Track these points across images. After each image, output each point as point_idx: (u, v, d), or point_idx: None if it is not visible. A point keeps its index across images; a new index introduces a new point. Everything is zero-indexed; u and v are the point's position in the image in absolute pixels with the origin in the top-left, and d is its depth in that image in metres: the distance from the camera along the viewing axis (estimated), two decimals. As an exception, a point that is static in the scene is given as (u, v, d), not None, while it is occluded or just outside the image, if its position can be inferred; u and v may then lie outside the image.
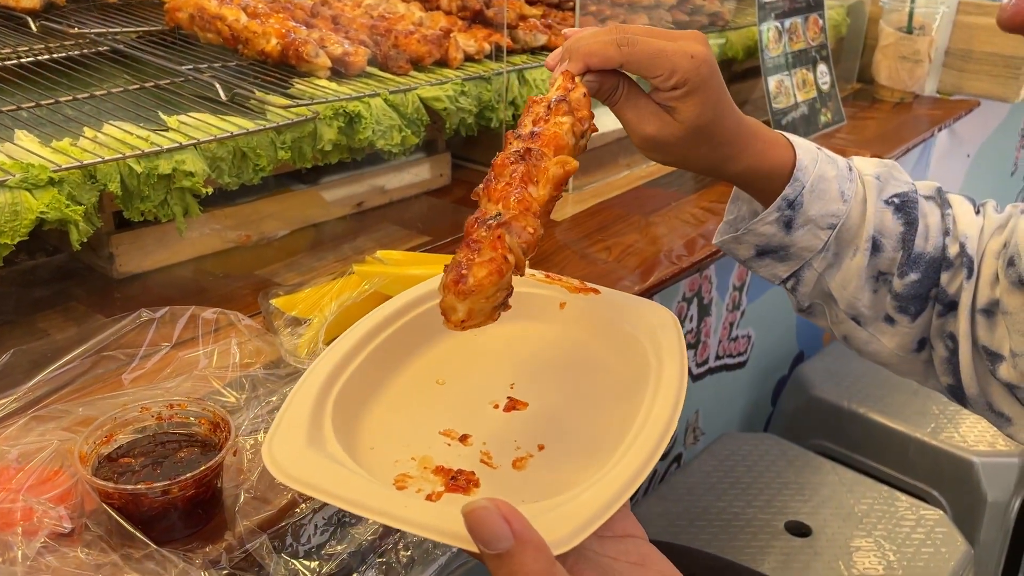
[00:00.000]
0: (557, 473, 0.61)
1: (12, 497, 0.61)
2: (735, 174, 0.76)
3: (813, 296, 0.83)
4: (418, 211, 1.28)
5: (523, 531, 0.46)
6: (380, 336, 0.70)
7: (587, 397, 0.70)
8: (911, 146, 1.81)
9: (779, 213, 0.77)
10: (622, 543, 0.56)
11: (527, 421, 0.67)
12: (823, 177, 0.77)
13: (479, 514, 0.46)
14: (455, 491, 0.58)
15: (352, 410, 0.65)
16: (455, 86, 1.20)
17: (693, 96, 0.69)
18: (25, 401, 0.73)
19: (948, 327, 0.80)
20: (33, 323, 0.93)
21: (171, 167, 0.89)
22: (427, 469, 0.60)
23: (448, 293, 0.58)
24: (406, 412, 0.67)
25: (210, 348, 0.83)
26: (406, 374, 0.71)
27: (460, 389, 0.70)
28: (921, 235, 0.78)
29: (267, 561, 0.64)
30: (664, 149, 0.72)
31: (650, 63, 0.67)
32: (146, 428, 0.71)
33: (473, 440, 0.64)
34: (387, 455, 0.61)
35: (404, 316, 0.73)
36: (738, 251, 0.83)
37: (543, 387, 0.71)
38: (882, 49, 2.06)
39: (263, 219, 1.12)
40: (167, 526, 0.65)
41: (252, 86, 1.08)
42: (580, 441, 0.65)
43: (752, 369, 1.89)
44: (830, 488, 1.47)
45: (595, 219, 1.30)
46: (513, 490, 0.59)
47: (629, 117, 0.71)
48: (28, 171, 0.80)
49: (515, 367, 0.73)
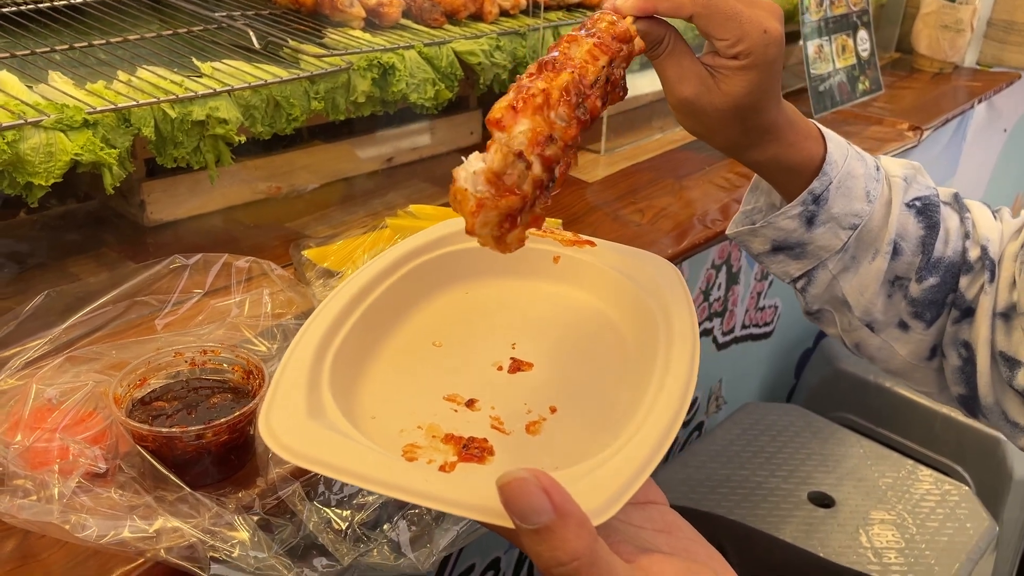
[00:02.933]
0: (575, 437, 0.58)
1: (48, 436, 0.61)
2: (759, 161, 0.72)
3: (823, 300, 0.79)
4: (448, 168, 1.26)
5: (564, 504, 0.42)
6: (370, 296, 0.66)
7: (593, 355, 0.67)
8: (949, 117, 1.77)
9: (803, 207, 0.73)
10: (645, 510, 0.54)
11: (535, 382, 0.63)
12: (851, 174, 0.74)
13: (517, 485, 0.42)
14: (469, 460, 0.55)
15: (348, 377, 0.60)
16: (490, 40, 1.18)
17: (749, 72, 0.64)
18: (59, 343, 0.73)
19: (962, 335, 0.77)
20: (64, 267, 0.93)
21: (205, 113, 0.88)
22: (436, 438, 0.57)
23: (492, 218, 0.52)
24: (405, 377, 0.63)
25: (242, 297, 0.83)
26: (400, 336, 0.67)
27: (459, 351, 0.67)
28: (941, 239, 0.76)
29: (300, 508, 0.64)
30: (697, 115, 0.68)
31: (722, 24, 0.63)
32: (179, 373, 0.70)
33: (481, 405, 0.60)
34: (391, 424, 0.58)
35: (393, 274, 0.69)
36: (752, 244, 0.79)
37: (546, 346, 0.67)
38: (923, 17, 2.01)
39: (294, 171, 1.11)
40: (200, 471, 0.65)
41: (285, 35, 1.07)
42: (593, 402, 0.62)
43: (777, 340, 1.87)
44: (854, 460, 1.46)
45: (627, 181, 1.28)
46: (531, 457, 0.56)
47: (670, 74, 0.66)
48: (63, 112, 0.79)
49: (514, 326, 0.69)
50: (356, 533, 0.65)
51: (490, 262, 0.73)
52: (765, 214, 0.79)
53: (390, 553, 0.65)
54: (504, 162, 0.51)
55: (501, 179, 0.51)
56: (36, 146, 0.77)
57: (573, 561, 0.42)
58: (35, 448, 0.60)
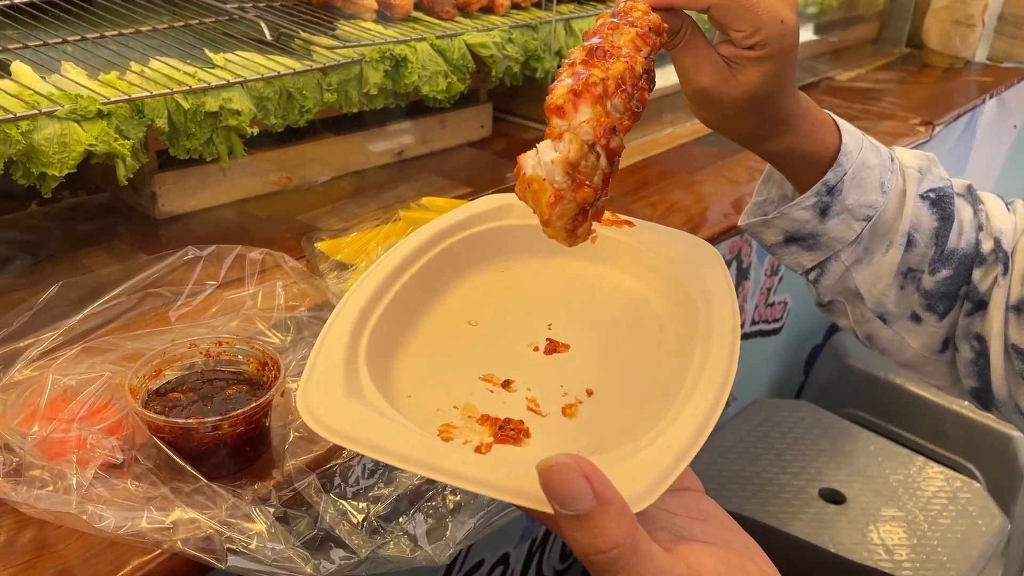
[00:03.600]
0: (612, 421, 0.57)
1: (65, 427, 0.60)
2: (774, 152, 0.72)
3: (835, 291, 0.79)
4: (459, 162, 1.26)
5: (605, 491, 0.42)
6: (405, 275, 0.65)
7: (631, 337, 0.66)
8: (960, 113, 1.76)
9: (817, 199, 0.72)
10: (681, 497, 0.52)
11: (571, 364, 0.63)
12: (865, 165, 0.73)
13: (557, 471, 0.42)
14: (505, 442, 0.54)
15: (384, 355, 0.60)
16: (502, 33, 1.17)
17: (765, 63, 0.64)
18: (74, 334, 0.73)
19: (975, 327, 0.76)
20: (77, 259, 0.93)
21: (218, 104, 0.88)
22: (471, 418, 0.56)
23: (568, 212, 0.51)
24: (440, 356, 0.63)
25: (256, 289, 0.82)
26: (435, 315, 0.66)
27: (495, 330, 0.66)
28: (955, 231, 0.75)
29: (316, 500, 0.64)
30: (712, 106, 0.67)
31: (739, 15, 0.63)
32: (194, 364, 0.70)
33: (517, 386, 0.60)
34: (426, 403, 0.57)
35: (428, 252, 0.68)
36: (765, 235, 0.78)
37: (583, 327, 0.66)
38: (934, 12, 2.00)
39: (306, 163, 1.10)
40: (216, 462, 0.64)
41: (297, 26, 1.06)
42: (631, 385, 0.61)
43: (786, 336, 1.87)
44: (865, 457, 1.45)
45: (639, 175, 1.28)
46: (567, 440, 0.56)
47: (687, 64, 0.66)
48: (77, 102, 0.79)
49: (550, 306, 0.68)
50: (372, 525, 0.65)
51: (526, 241, 0.72)
52: (777, 205, 0.78)
53: (407, 545, 0.65)
54: (580, 152, 0.50)
55: (577, 170, 0.50)
56: (50, 136, 0.76)
57: (613, 549, 0.41)
58: (52, 439, 0.60)
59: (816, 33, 1.98)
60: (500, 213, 0.73)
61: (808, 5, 1.78)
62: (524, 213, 0.72)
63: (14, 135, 0.75)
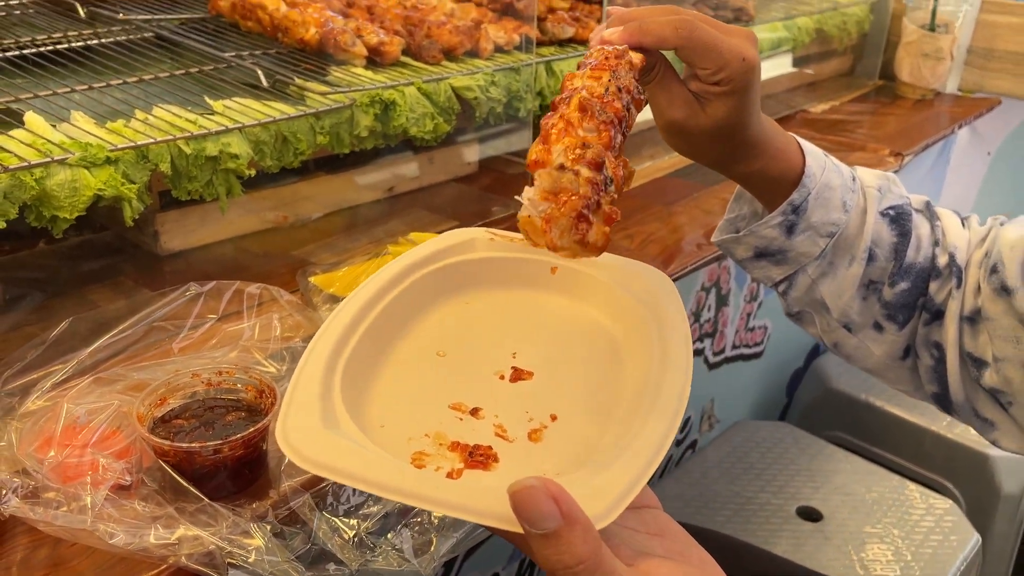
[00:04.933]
0: (575, 444, 0.60)
1: (79, 452, 0.66)
2: (745, 174, 0.78)
3: (803, 303, 0.84)
4: (447, 197, 1.32)
5: (571, 511, 0.45)
6: (376, 309, 0.68)
7: (591, 363, 0.69)
8: (931, 143, 1.83)
9: (783, 217, 0.78)
10: (640, 514, 0.56)
11: (535, 391, 0.66)
12: (828, 186, 0.79)
13: (527, 493, 0.45)
14: (475, 467, 0.57)
15: (358, 387, 0.63)
16: (485, 76, 1.24)
17: (730, 97, 0.70)
18: (84, 365, 0.78)
19: (933, 336, 0.82)
20: (83, 295, 0.98)
21: (217, 149, 0.94)
22: (442, 446, 0.59)
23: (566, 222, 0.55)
24: (411, 387, 0.66)
25: (253, 321, 0.88)
26: (405, 347, 0.69)
27: (462, 360, 0.69)
28: (913, 247, 0.81)
29: (310, 517, 0.68)
30: (685, 137, 0.74)
31: (703, 54, 0.68)
32: (196, 393, 0.75)
33: (485, 413, 0.63)
34: (399, 432, 0.60)
35: (397, 286, 0.71)
36: (736, 251, 0.84)
37: (545, 354, 0.69)
38: (905, 46, 2.08)
39: (300, 201, 1.16)
40: (217, 484, 0.69)
41: (292, 73, 1.13)
42: (592, 409, 0.64)
43: (768, 360, 1.92)
44: (842, 476, 1.50)
45: (618, 207, 1.34)
46: (534, 463, 0.59)
47: (660, 99, 0.72)
48: (87, 150, 0.84)
49: (514, 335, 0.71)
50: (363, 541, 0.70)
51: (490, 273, 0.75)
52: (748, 222, 0.84)
53: (395, 559, 0.70)
54: (550, 179, 0.55)
55: (555, 192, 0.55)
56: (62, 182, 0.82)
57: (579, 565, 0.45)
58: (66, 463, 0.65)
59: (793, 66, 2.05)
60: (465, 247, 0.77)
61: (782, 42, 1.85)
62: (488, 247, 0.77)
63: (28, 182, 0.80)
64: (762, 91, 1.92)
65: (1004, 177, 2.59)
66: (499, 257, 0.76)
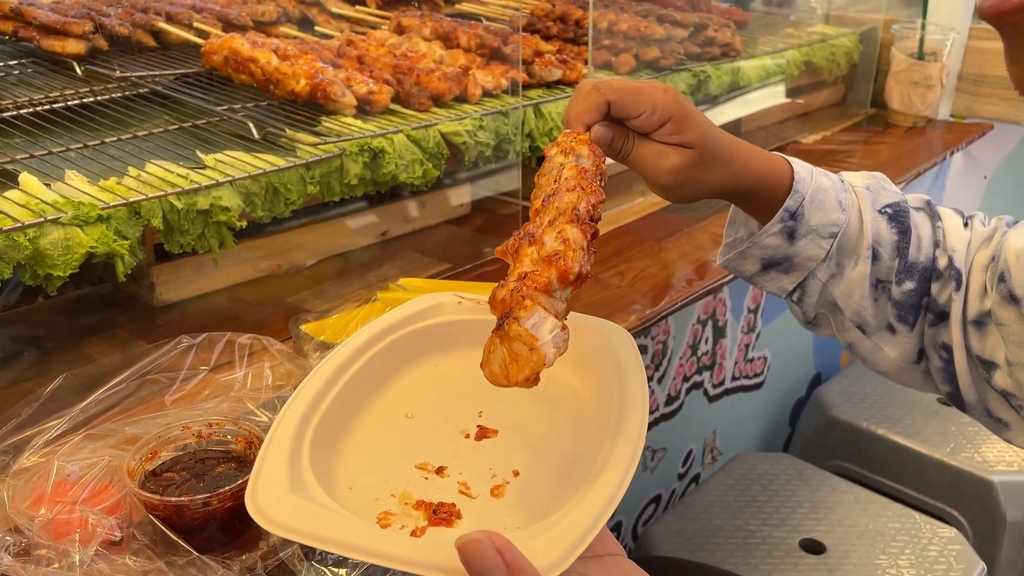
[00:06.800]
0: (535, 498, 0.63)
1: (69, 508, 0.67)
2: (749, 188, 0.81)
3: (818, 307, 0.86)
4: (439, 239, 1.34)
5: (515, 560, 0.49)
6: (347, 374, 0.71)
7: (554, 420, 0.72)
8: (923, 170, 1.84)
9: (782, 224, 0.81)
10: (603, 562, 0.59)
11: (499, 448, 0.69)
12: (820, 188, 0.81)
13: (472, 547, 0.49)
14: (438, 524, 0.60)
15: (327, 451, 0.66)
16: (474, 121, 1.26)
17: (684, 121, 0.74)
18: (77, 421, 0.79)
19: (940, 337, 0.83)
20: (80, 349, 1.00)
21: (209, 203, 0.96)
22: (408, 504, 0.62)
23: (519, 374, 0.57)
24: (380, 448, 0.69)
25: (245, 371, 0.89)
26: (374, 410, 0.73)
27: (430, 421, 0.72)
28: (914, 244, 0.82)
29: (299, 568, 0.69)
30: (685, 174, 0.76)
31: (632, 99, 0.73)
32: (187, 446, 0.76)
33: (449, 471, 0.66)
34: (367, 493, 0.63)
35: (367, 352, 0.74)
36: (744, 267, 0.86)
37: (510, 413, 0.72)
38: (894, 75, 2.10)
39: (293, 249, 1.18)
40: (207, 536, 0.70)
41: (283, 124, 1.15)
42: (553, 463, 0.67)
43: (769, 390, 1.92)
44: (845, 507, 1.50)
45: (610, 245, 1.35)
46: (495, 518, 0.61)
47: (647, 156, 0.76)
48: (79, 209, 0.87)
49: (480, 395, 0.74)
50: (351, 590, 0.71)
51: (458, 335, 0.79)
52: (746, 242, 0.86)
53: (382, 607, 0.70)
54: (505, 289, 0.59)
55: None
56: (55, 241, 0.84)
57: None
58: (57, 520, 0.66)
59: (785, 97, 2.08)
60: (434, 311, 0.81)
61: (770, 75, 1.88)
62: (455, 310, 0.80)
63: (22, 242, 0.82)
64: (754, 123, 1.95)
65: (1001, 200, 2.60)
66: (466, 320, 0.80)
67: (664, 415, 1.57)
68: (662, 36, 1.64)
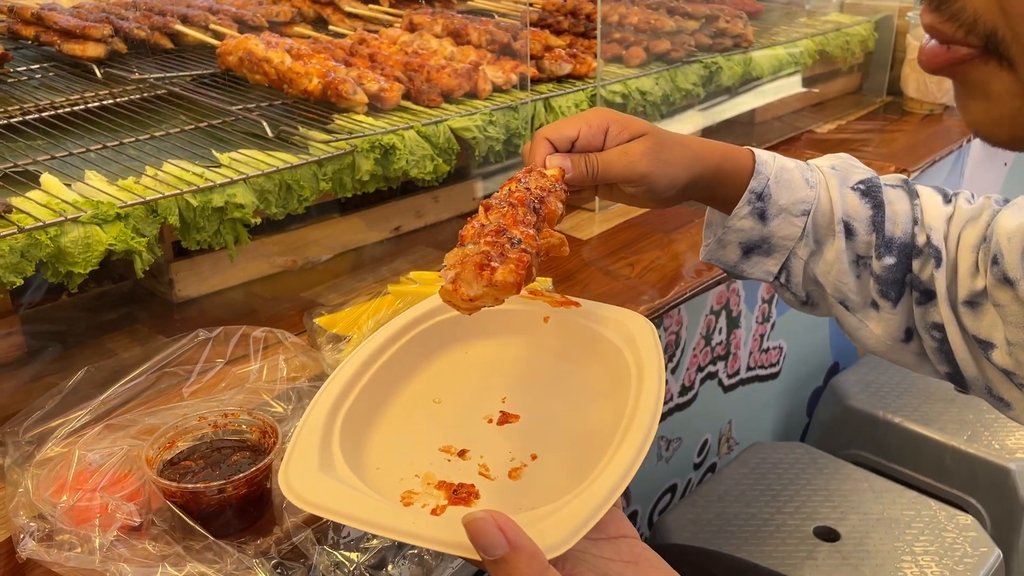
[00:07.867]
0: (550, 480, 0.66)
1: (90, 496, 0.69)
2: (715, 168, 0.83)
3: (806, 285, 0.88)
4: (451, 233, 1.35)
5: (516, 539, 0.52)
6: (379, 361, 0.75)
7: (573, 405, 0.75)
8: (939, 157, 1.83)
9: (750, 206, 0.83)
10: (616, 544, 0.62)
11: (519, 433, 0.72)
12: (784, 168, 0.84)
13: (477, 524, 0.52)
14: (457, 503, 0.63)
15: (357, 433, 0.69)
16: (484, 116, 1.28)
17: (623, 121, 0.80)
18: (98, 413, 0.82)
19: (931, 317, 0.83)
20: (102, 344, 1.03)
21: (223, 200, 0.99)
22: (430, 485, 0.65)
23: (469, 273, 0.60)
24: (407, 432, 0.72)
25: (260, 364, 0.92)
26: (404, 395, 0.76)
27: (456, 406, 0.75)
28: (890, 219, 0.83)
29: (311, 552, 0.72)
30: (655, 155, 0.79)
31: (564, 125, 0.79)
32: (203, 435, 0.79)
33: (471, 454, 0.69)
34: (392, 474, 0.66)
35: (399, 340, 0.77)
36: (726, 256, 0.88)
37: (532, 399, 0.75)
38: (910, 62, 2.09)
39: (307, 245, 1.21)
40: (223, 522, 0.73)
41: (296, 123, 1.17)
42: (570, 448, 0.70)
43: (785, 380, 1.92)
44: (860, 495, 1.50)
45: (620, 237, 1.37)
46: (511, 499, 0.64)
47: (614, 158, 0.80)
48: (98, 208, 0.89)
49: (505, 381, 0.78)
50: (363, 574, 0.73)
51: (486, 324, 0.81)
52: None
53: (393, 590, 0.73)
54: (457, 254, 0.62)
55: (461, 260, 0.62)
56: (75, 239, 0.87)
57: None
58: (78, 507, 0.69)
59: (802, 86, 2.07)
60: None
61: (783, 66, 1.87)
62: None
63: (44, 240, 0.85)
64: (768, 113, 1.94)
65: (1022, 187, 2.57)
66: (494, 309, 0.82)
67: (678, 405, 1.58)
68: (673, 28, 1.65)
